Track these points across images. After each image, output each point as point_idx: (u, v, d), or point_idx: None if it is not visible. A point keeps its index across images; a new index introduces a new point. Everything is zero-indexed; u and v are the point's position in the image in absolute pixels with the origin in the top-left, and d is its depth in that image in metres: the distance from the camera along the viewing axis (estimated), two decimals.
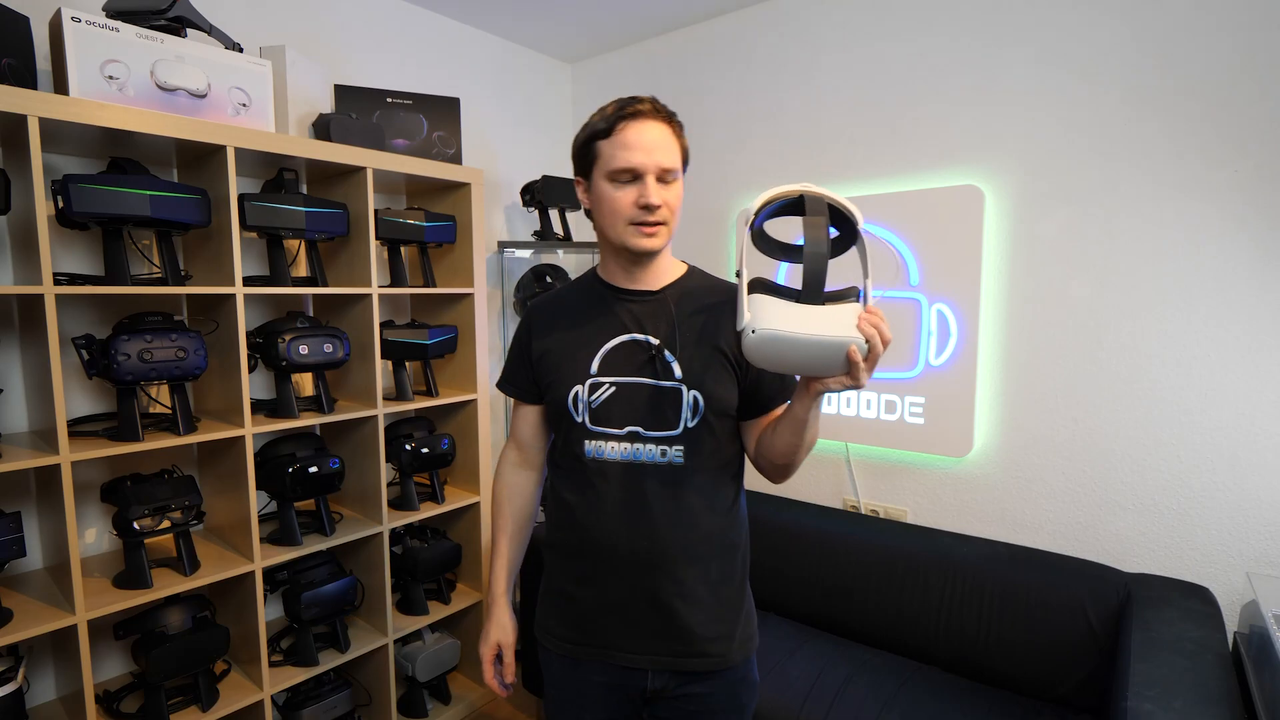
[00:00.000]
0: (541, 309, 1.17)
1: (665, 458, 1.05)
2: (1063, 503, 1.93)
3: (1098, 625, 1.66)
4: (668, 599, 1.05)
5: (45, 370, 1.43)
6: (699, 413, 1.05)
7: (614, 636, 1.08)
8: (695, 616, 1.06)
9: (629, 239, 1.03)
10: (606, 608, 1.08)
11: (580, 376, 1.07)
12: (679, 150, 1.04)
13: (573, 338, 1.11)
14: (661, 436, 1.05)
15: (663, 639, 1.06)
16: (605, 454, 1.06)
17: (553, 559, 1.16)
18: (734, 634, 1.10)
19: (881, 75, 2.19)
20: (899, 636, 1.94)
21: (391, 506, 2.11)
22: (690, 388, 1.05)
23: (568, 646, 1.12)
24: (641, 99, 1.03)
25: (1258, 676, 1.38)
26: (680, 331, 1.06)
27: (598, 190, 1.04)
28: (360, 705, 2.10)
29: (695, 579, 1.06)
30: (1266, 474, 1.65)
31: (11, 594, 1.53)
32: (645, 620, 1.06)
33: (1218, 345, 1.70)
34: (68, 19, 1.43)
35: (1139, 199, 1.77)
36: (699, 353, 1.06)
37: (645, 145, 0.99)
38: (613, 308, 1.10)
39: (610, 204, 1.02)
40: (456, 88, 2.61)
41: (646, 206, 1.00)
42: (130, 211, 1.50)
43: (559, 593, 1.14)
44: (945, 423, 2.07)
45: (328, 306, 2.12)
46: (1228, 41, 1.64)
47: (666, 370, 1.05)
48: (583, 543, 1.09)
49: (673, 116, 1.05)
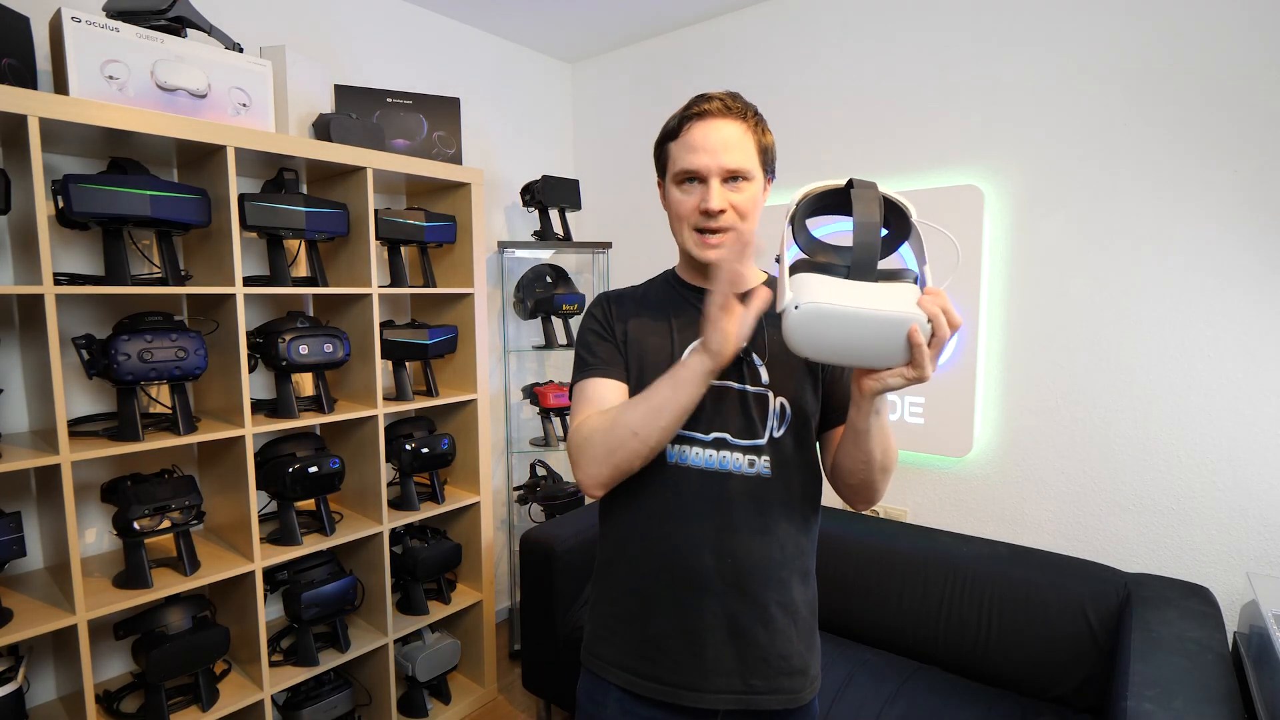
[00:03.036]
0: (620, 300, 1.07)
1: (753, 469, 0.96)
2: (1063, 503, 1.93)
3: (1098, 625, 1.66)
4: (749, 625, 0.95)
5: (45, 370, 1.43)
6: (785, 421, 0.97)
7: (685, 672, 0.96)
8: (776, 648, 0.97)
9: (692, 247, 0.97)
10: (680, 635, 0.96)
11: (666, 369, 0.94)
12: (755, 149, 0.95)
13: (656, 332, 1.02)
14: (749, 445, 0.96)
15: (740, 674, 0.96)
16: (689, 460, 0.96)
17: (613, 578, 1.04)
18: (809, 669, 1.01)
19: (881, 75, 2.19)
20: (899, 636, 1.94)
21: (391, 506, 2.11)
22: (777, 394, 0.98)
23: (630, 678, 0.99)
24: (712, 96, 0.96)
25: (1258, 676, 1.38)
26: (769, 336, 0.99)
27: (668, 194, 0.99)
28: (360, 705, 2.10)
29: (779, 604, 0.97)
30: (1266, 474, 1.65)
31: (11, 594, 1.53)
32: (722, 652, 0.95)
33: (1217, 345, 1.70)
34: (68, 19, 1.43)
35: (1139, 199, 1.77)
36: (784, 360, 0.99)
37: (710, 146, 0.93)
38: (698, 306, 0.98)
39: (675, 208, 0.97)
40: (456, 88, 2.61)
41: (706, 212, 0.93)
42: (130, 211, 1.50)
43: (620, 616, 1.01)
44: (945, 423, 2.07)
45: (328, 306, 2.12)
46: (1228, 42, 1.64)
47: (754, 375, 0.98)
48: (656, 558, 0.97)
49: (749, 112, 0.96)
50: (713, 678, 0.95)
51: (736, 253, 0.84)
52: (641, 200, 2.84)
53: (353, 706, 2.03)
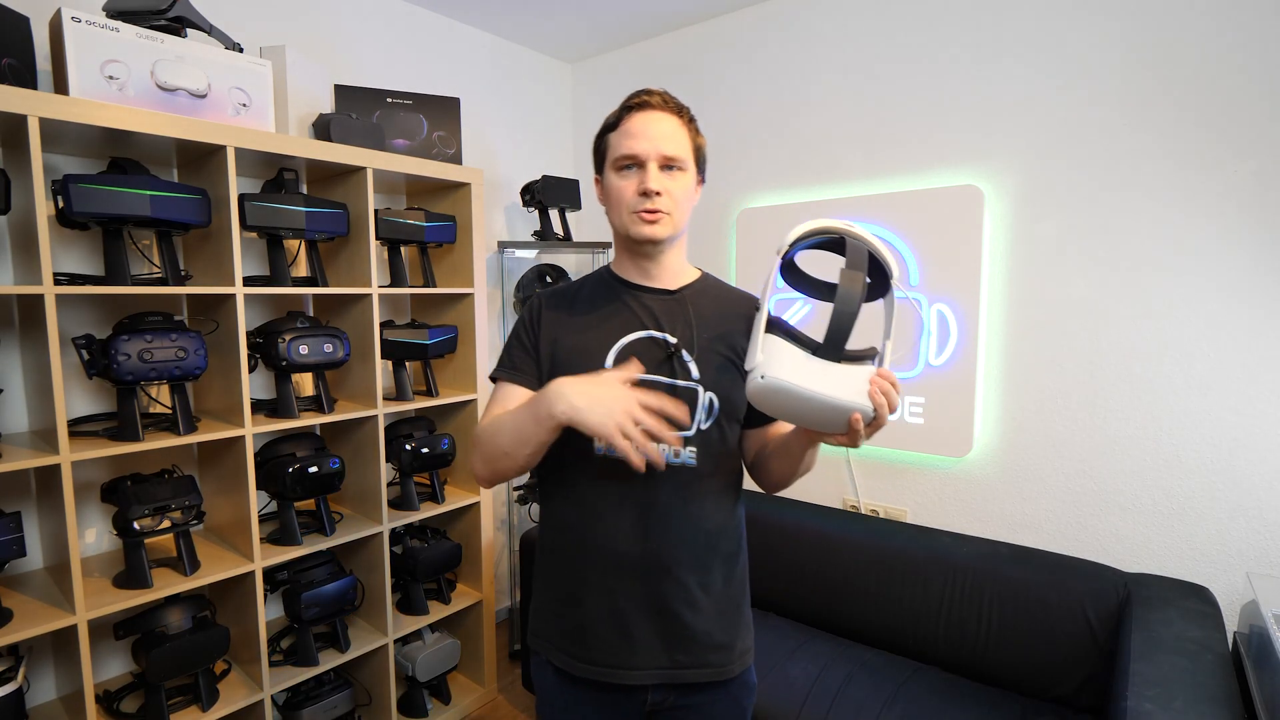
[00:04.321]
0: (552, 299, 1.12)
1: (679, 459, 1.02)
2: (1063, 503, 1.93)
3: (1098, 625, 1.66)
4: (676, 606, 1.02)
5: (45, 370, 1.43)
6: (713, 415, 1.03)
7: (616, 652, 1.03)
8: (700, 625, 1.03)
9: (630, 226, 1.02)
10: (609, 618, 1.03)
11: (593, 369, 1.01)
12: (689, 143, 1.02)
13: (587, 331, 1.06)
14: (676, 437, 1.00)
15: (667, 650, 1.03)
16: (615, 452, 0.98)
17: (551, 564, 1.11)
18: (735, 644, 1.07)
19: (882, 75, 2.19)
20: (899, 636, 1.94)
21: (391, 506, 2.11)
22: (707, 389, 1.03)
23: (564, 659, 1.06)
24: (652, 91, 1.02)
25: (1258, 676, 1.38)
26: (698, 332, 1.05)
27: (607, 182, 1.04)
28: (360, 705, 2.10)
29: (699, 584, 1.03)
30: (1266, 474, 1.65)
31: (11, 594, 1.53)
32: (649, 632, 1.02)
33: (1217, 345, 1.70)
34: (68, 19, 1.43)
35: (1139, 199, 1.77)
36: (714, 356, 1.04)
37: (650, 134, 0.99)
38: (629, 303, 1.07)
39: (615, 193, 1.02)
40: (456, 88, 2.61)
41: (645, 193, 0.99)
42: (130, 211, 1.50)
43: (558, 600, 1.09)
44: (945, 423, 2.07)
45: (328, 306, 2.12)
46: (1228, 43, 1.64)
47: (684, 370, 1.03)
48: (588, 546, 1.04)
49: (684, 110, 1.03)
50: (641, 656, 1.02)
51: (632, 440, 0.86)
52: None
53: (353, 706, 2.03)
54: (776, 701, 1.71)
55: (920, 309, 1.03)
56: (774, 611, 2.18)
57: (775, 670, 1.81)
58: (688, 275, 1.11)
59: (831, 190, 2.32)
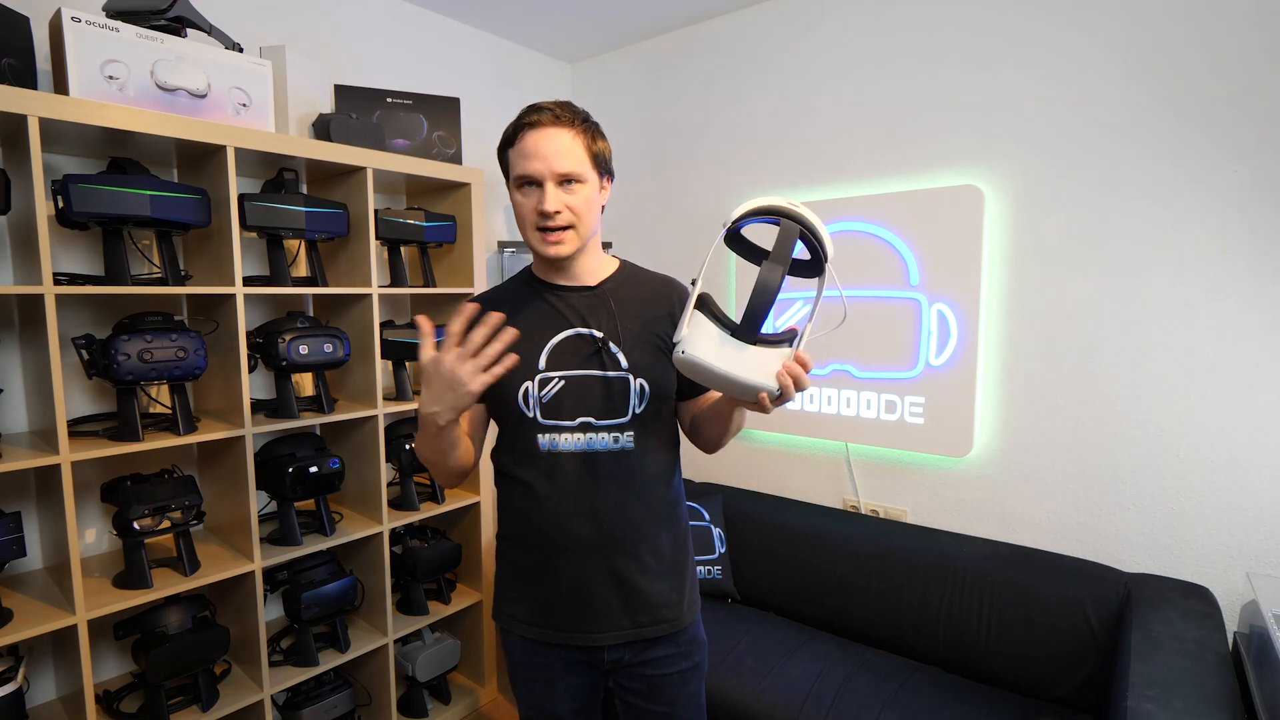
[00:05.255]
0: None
1: (618, 444, 1.10)
2: (1063, 503, 1.93)
3: (1098, 625, 1.66)
4: (628, 575, 1.11)
5: (45, 370, 1.43)
6: (645, 399, 1.11)
7: (577, 621, 1.12)
8: (653, 587, 1.13)
9: (535, 245, 1.08)
10: (569, 593, 1.12)
11: (529, 372, 1.10)
12: (586, 154, 1.05)
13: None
14: (613, 424, 1.10)
15: (625, 614, 1.12)
16: (559, 446, 1.10)
17: (510, 549, 1.19)
18: (683, 598, 1.17)
19: (882, 75, 2.19)
20: (899, 636, 1.94)
21: (391, 506, 2.11)
22: (637, 376, 1.10)
23: (531, 629, 1.15)
24: (543, 106, 1.05)
25: (1258, 676, 1.38)
26: (621, 323, 1.12)
27: (511, 197, 1.09)
28: (360, 705, 2.10)
29: (650, 552, 1.13)
30: (1266, 474, 1.65)
31: (11, 594, 1.53)
32: (608, 600, 1.11)
33: (1217, 345, 1.69)
34: (68, 19, 1.43)
35: (1139, 199, 1.77)
36: (641, 342, 1.12)
37: (542, 153, 1.02)
38: (553, 304, 1.14)
39: (517, 210, 1.08)
40: (456, 88, 2.61)
41: (543, 213, 1.03)
42: (130, 211, 1.50)
43: (519, 580, 1.17)
44: (945, 423, 2.07)
45: (328, 306, 2.12)
46: (1228, 42, 1.64)
47: (613, 361, 1.11)
48: (542, 533, 1.12)
49: (577, 120, 1.05)
50: (602, 621, 1.12)
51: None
52: (641, 200, 2.84)
53: (353, 706, 2.03)
54: (776, 701, 1.71)
55: (844, 302, 1.17)
56: (774, 611, 2.18)
57: (775, 670, 1.81)
58: (606, 268, 1.18)
59: (831, 190, 2.32)
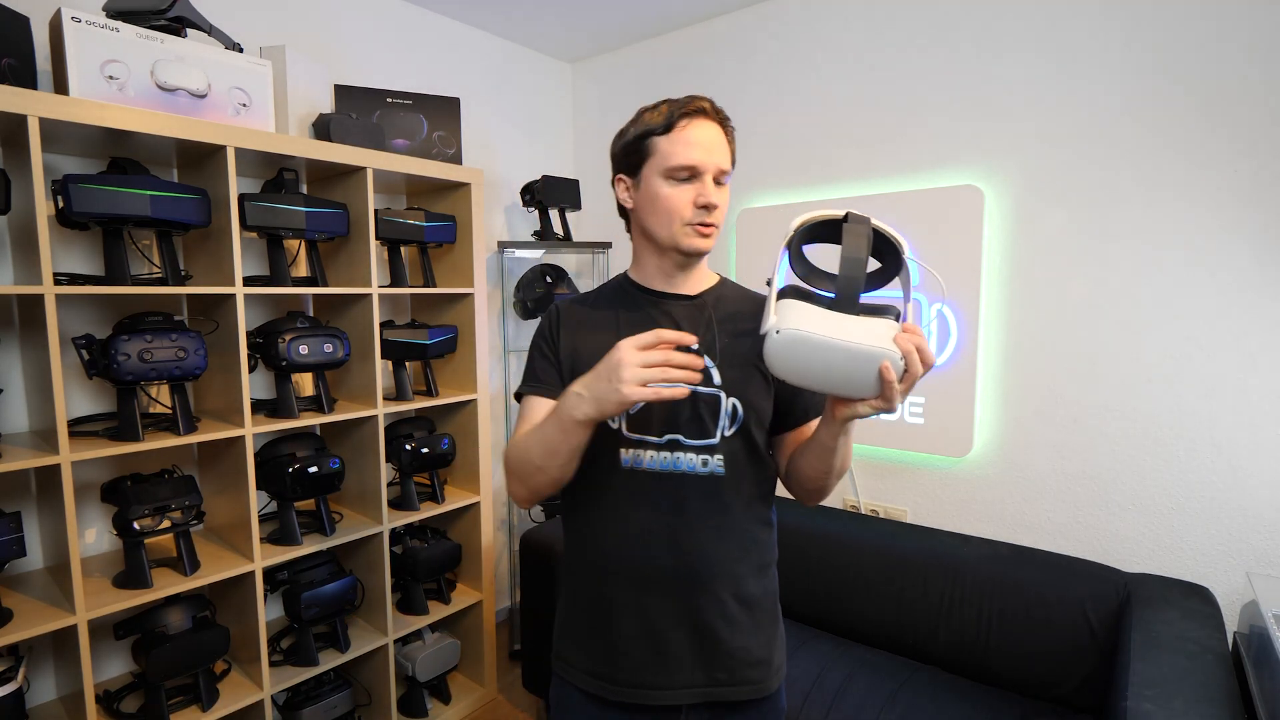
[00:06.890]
0: (570, 308, 1.10)
1: (706, 468, 0.99)
2: (1063, 503, 1.93)
3: (1098, 625, 1.66)
4: (711, 620, 0.98)
5: (45, 370, 1.43)
6: (737, 421, 1.00)
7: (649, 672, 0.99)
8: (737, 640, 1.00)
9: (683, 239, 0.98)
10: (642, 636, 0.99)
11: None
12: (730, 155, 1.01)
13: (607, 339, 1.00)
14: (701, 445, 0.99)
15: (703, 668, 0.99)
16: (643, 463, 0.99)
17: (576, 584, 1.07)
18: (772, 658, 1.04)
19: (882, 75, 2.19)
20: (899, 636, 1.94)
21: (391, 506, 2.11)
22: (729, 395, 1.00)
23: (594, 683, 1.02)
24: (701, 98, 0.99)
25: (1258, 676, 1.38)
26: (719, 337, 1.02)
27: (651, 189, 0.99)
28: (360, 705, 2.10)
29: (735, 597, 1.00)
30: (1266, 474, 1.65)
31: (12, 594, 1.53)
32: (684, 648, 0.98)
33: (1217, 344, 1.70)
34: (68, 19, 1.43)
35: (1139, 199, 1.78)
36: (736, 360, 1.01)
37: (706, 144, 0.96)
38: (649, 311, 1.04)
39: (666, 202, 0.97)
40: (456, 88, 2.61)
41: (706, 206, 0.96)
42: (130, 211, 1.50)
43: (585, 622, 1.04)
44: (945, 423, 2.07)
45: (328, 306, 2.12)
46: (1228, 43, 1.64)
47: (706, 376, 0.99)
48: (616, 562, 1.00)
49: (727, 121, 1.01)
50: (676, 674, 0.98)
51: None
52: None
53: (353, 706, 2.03)
54: None
55: (939, 278, 1.06)
56: None
57: None
58: (708, 280, 1.09)
59: (832, 190, 2.32)
